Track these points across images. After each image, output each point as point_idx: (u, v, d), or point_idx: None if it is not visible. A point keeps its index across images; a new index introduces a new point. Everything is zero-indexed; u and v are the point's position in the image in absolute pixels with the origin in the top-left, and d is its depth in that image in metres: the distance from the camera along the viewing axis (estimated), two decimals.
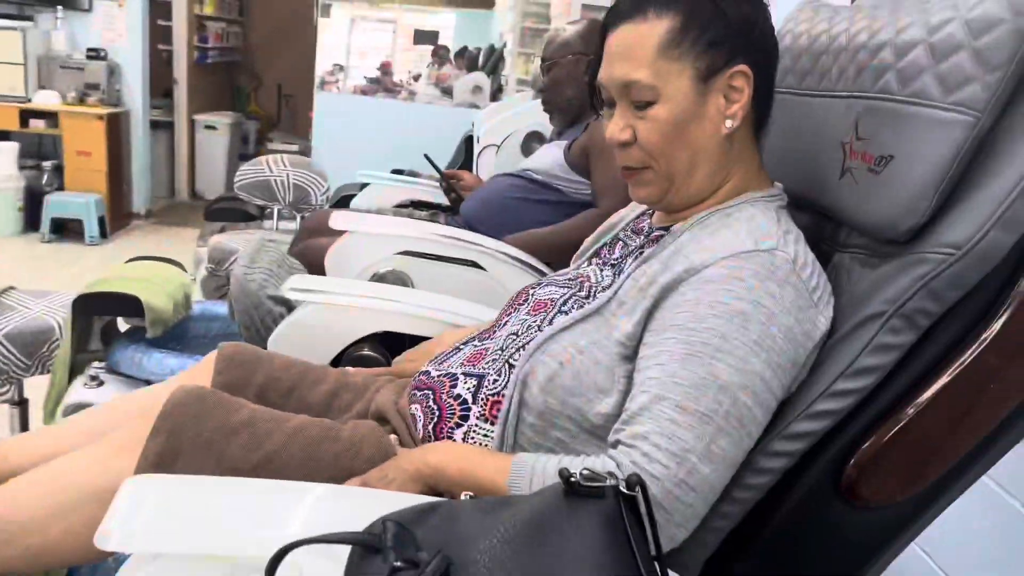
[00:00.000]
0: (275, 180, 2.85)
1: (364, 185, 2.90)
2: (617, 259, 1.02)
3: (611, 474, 0.58)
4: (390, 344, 1.31)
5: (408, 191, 2.42)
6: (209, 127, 6.86)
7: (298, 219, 2.90)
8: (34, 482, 0.85)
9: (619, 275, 0.97)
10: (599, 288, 0.97)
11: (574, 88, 2.20)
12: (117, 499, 0.63)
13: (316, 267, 1.70)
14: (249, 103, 8.03)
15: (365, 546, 0.52)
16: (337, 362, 1.33)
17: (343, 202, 2.73)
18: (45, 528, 0.82)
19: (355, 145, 4.90)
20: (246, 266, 1.49)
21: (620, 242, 1.06)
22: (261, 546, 0.60)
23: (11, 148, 5.07)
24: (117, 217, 5.57)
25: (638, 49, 0.89)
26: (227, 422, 0.83)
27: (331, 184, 2.95)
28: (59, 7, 5.26)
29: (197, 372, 1.03)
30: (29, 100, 5.16)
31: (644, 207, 1.08)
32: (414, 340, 1.29)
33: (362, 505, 0.65)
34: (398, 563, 0.50)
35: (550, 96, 2.30)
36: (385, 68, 7.45)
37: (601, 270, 1.01)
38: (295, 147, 6.96)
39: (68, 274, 4.54)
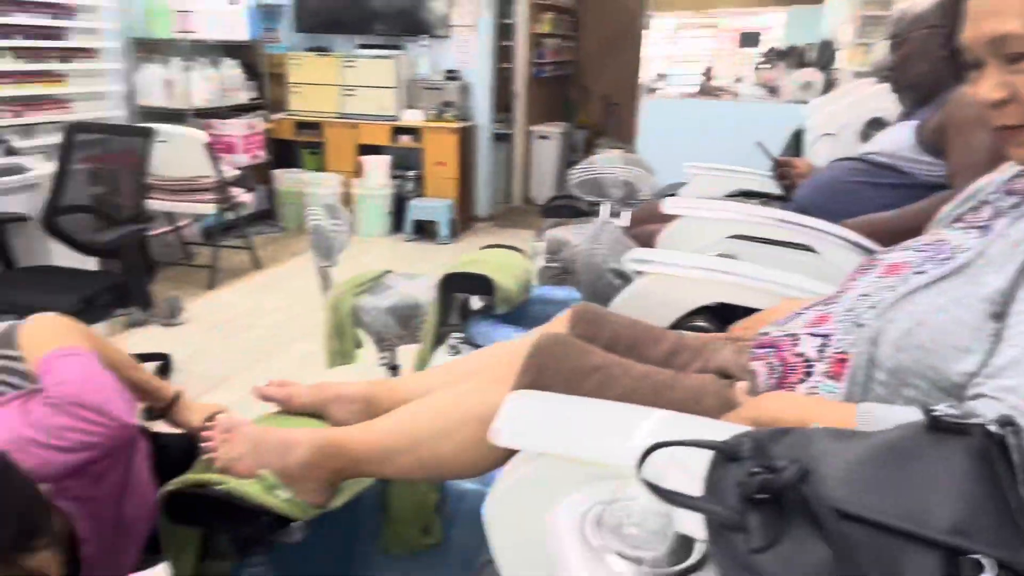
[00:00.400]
0: (606, 177, 2.99)
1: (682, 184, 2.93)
2: (985, 222, 0.95)
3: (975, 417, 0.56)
4: (724, 318, 1.34)
5: (737, 180, 2.41)
6: (542, 137, 7.35)
7: (626, 213, 3.01)
8: (428, 406, 1.02)
9: (987, 235, 0.91)
10: (960, 250, 0.91)
11: (927, 63, 2.02)
12: (505, 406, 0.74)
13: (646, 246, 1.76)
14: (578, 113, 8.46)
15: (725, 453, 0.56)
16: None
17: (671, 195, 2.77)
18: (435, 443, 0.98)
19: (679, 148, 4.93)
20: (590, 243, 1.61)
21: (987, 205, 0.98)
22: (623, 454, 0.67)
23: (384, 161, 5.90)
24: (464, 220, 6.22)
25: (1005, 1, 0.83)
26: (582, 364, 0.92)
27: (658, 181, 3.02)
28: (424, 36, 6.00)
29: (553, 326, 1.15)
30: (398, 118, 5.97)
31: (1018, 168, 0.99)
32: (748, 314, 1.29)
33: (710, 430, 0.70)
34: (756, 468, 0.54)
35: (900, 74, 2.14)
36: (707, 73, 7.41)
37: (965, 233, 0.95)
38: None
39: (426, 267, 5.16)
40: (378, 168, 5.89)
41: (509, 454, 0.99)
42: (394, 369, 2.58)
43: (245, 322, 4.14)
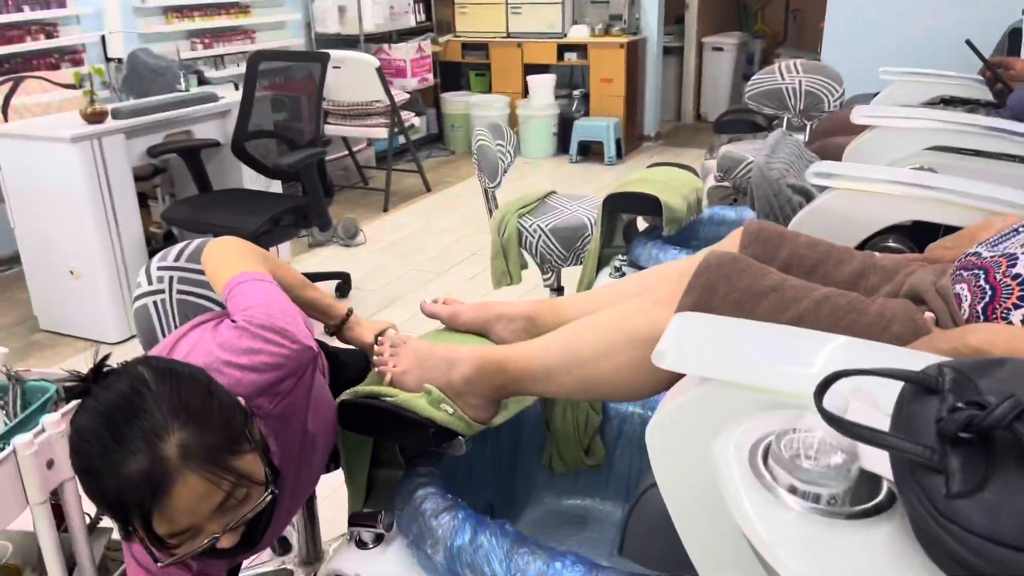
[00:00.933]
0: (787, 87, 2.78)
1: (874, 93, 2.67)
2: None
3: None
4: (917, 238, 1.21)
5: (939, 86, 2.15)
6: (716, 48, 6.97)
7: (808, 126, 2.80)
8: (590, 326, 1.00)
9: None
10: None
11: None
12: (671, 327, 0.71)
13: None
14: (755, 22, 7.92)
15: (921, 385, 0.50)
16: None
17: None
18: (596, 364, 0.96)
19: (870, 54, 4.50)
20: (767, 156, 1.50)
21: None
22: (798, 382, 0.62)
23: (549, 80, 5.82)
24: (630, 139, 6.06)
25: None
26: (756, 284, 0.86)
27: (845, 90, 2.77)
28: None
29: (724, 245, 1.09)
30: (564, 35, 5.84)
31: None
32: (947, 233, 1.16)
33: (901, 359, 0.63)
34: (960, 403, 0.47)
35: None
36: None
37: None
38: None
39: (590, 188, 5.10)
40: (543, 88, 5.82)
41: (673, 379, 0.95)
42: (558, 291, 2.59)
43: (416, 243, 4.30)
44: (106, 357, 0.91)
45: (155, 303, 1.29)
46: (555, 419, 1.34)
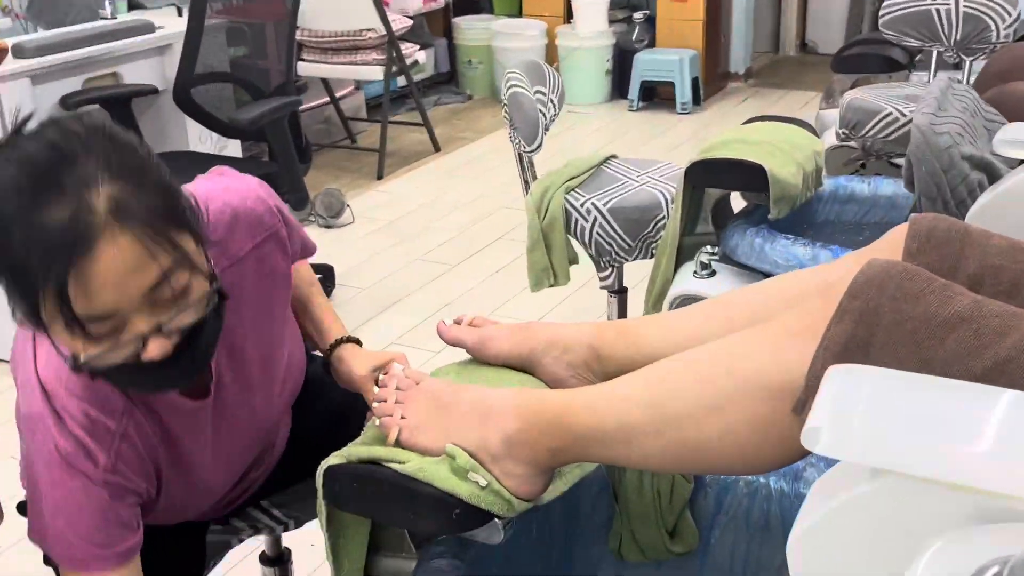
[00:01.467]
0: (937, 9, 2.69)
1: None
2: None
3: None
4: None
5: None
6: None
7: (967, 64, 2.71)
8: (689, 367, 0.94)
9: None
10: None
11: None
12: (825, 389, 0.64)
13: (1017, 118, 1.54)
14: None
15: None
16: None
17: None
18: (701, 422, 0.90)
19: None
20: (931, 113, 1.42)
21: None
22: None
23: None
24: (712, 79, 5.98)
25: None
26: (940, 312, 0.79)
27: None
28: None
29: (881, 249, 1.02)
30: None
31: None
32: None
33: None
34: None
35: None
36: None
37: None
38: None
39: (659, 148, 5.03)
40: (593, 9, 5.75)
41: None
42: (620, 294, 2.54)
43: (422, 223, 4.25)
44: (28, 117, 0.99)
45: None
46: (627, 488, 1.29)
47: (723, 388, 0.89)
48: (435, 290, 3.60)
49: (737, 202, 2.18)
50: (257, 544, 1.78)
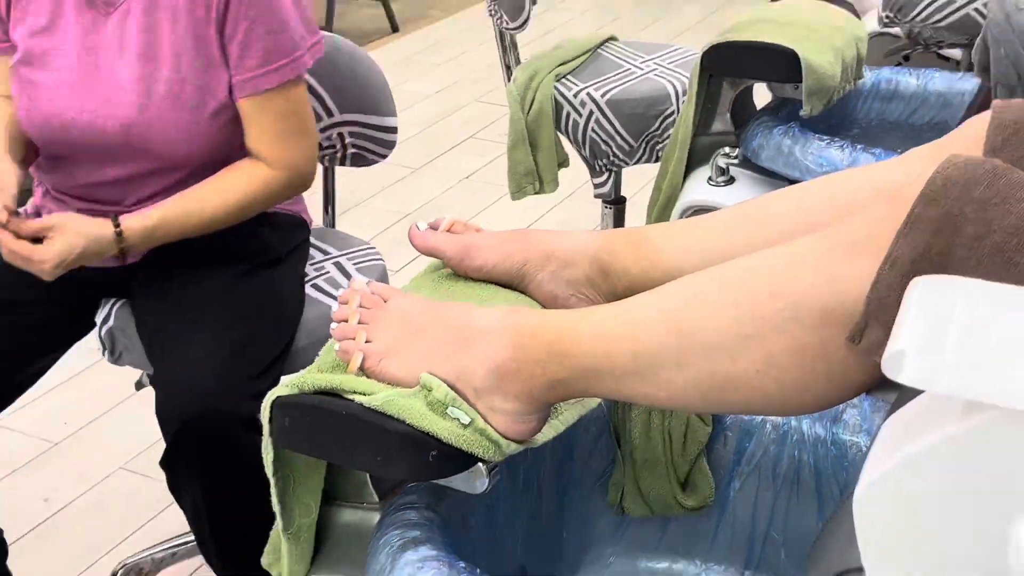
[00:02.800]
0: None
1: None
2: None
3: None
4: None
5: None
6: None
7: None
8: (723, 285, 0.91)
9: None
10: None
11: None
12: (907, 306, 0.62)
13: None
14: None
15: None
16: None
17: None
18: (735, 353, 0.88)
19: None
20: None
21: None
22: None
23: None
24: None
25: None
26: None
27: None
28: None
29: (955, 144, 0.99)
30: None
31: None
32: None
33: None
34: None
35: None
36: None
37: None
38: None
39: (665, 30, 4.98)
40: None
41: (864, 382, 0.88)
42: (618, 205, 2.53)
43: None
44: None
45: None
46: (632, 430, 1.28)
47: (764, 312, 0.87)
48: (395, 196, 3.57)
49: (762, 96, 2.16)
50: None
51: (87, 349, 1.83)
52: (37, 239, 1.50)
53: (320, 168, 2.11)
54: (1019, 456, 0.55)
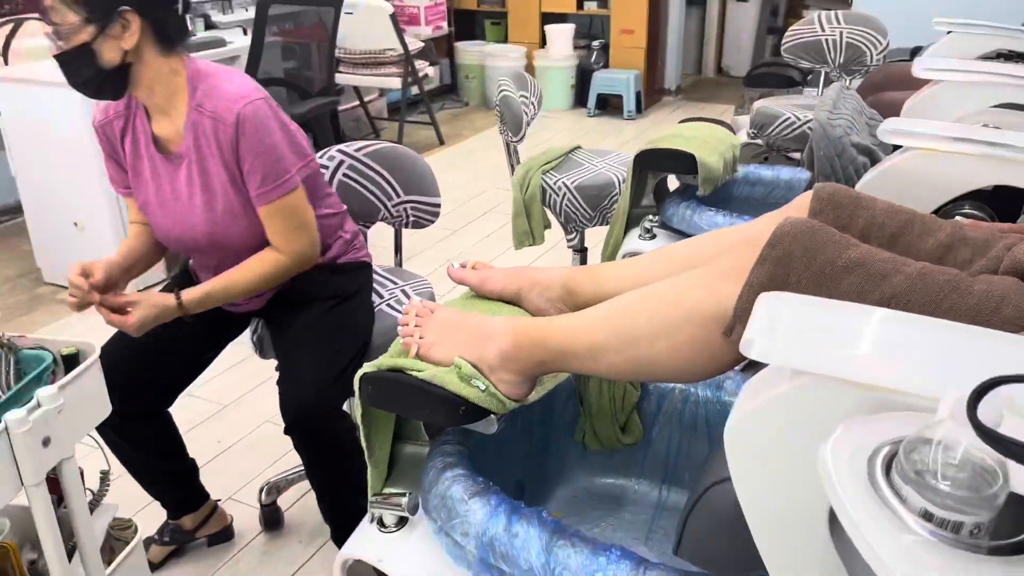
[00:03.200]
0: (826, 39, 2.64)
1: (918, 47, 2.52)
2: None
3: None
4: (998, 204, 1.10)
5: (1000, 40, 2.02)
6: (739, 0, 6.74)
7: (847, 81, 2.66)
8: (643, 299, 0.91)
9: None
10: None
11: None
12: (758, 310, 0.61)
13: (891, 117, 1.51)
14: None
15: None
16: None
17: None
18: (652, 342, 0.87)
19: (908, 6, 4.31)
20: (828, 112, 1.38)
21: None
22: (927, 382, 0.52)
23: (568, 30, 5.64)
24: (650, 93, 5.89)
25: None
26: (838, 258, 0.76)
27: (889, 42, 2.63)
28: None
29: (791, 211, 0.98)
30: None
31: None
32: None
33: None
34: None
35: None
36: None
37: None
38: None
39: (610, 144, 4.96)
40: (562, 38, 5.65)
41: (734, 361, 0.87)
42: (582, 252, 2.50)
43: None
44: None
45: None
46: (590, 393, 1.26)
47: (670, 316, 0.86)
48: (440, 248, 3.55)
49: (673, 183, 2.15)
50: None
51: (245, 346, 1.82)
52: (123, 310, 1.46)
53: (392, 229, 2.11)
54: (824, 403, 0.55)
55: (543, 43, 5.84)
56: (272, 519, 1.94)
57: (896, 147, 1.17)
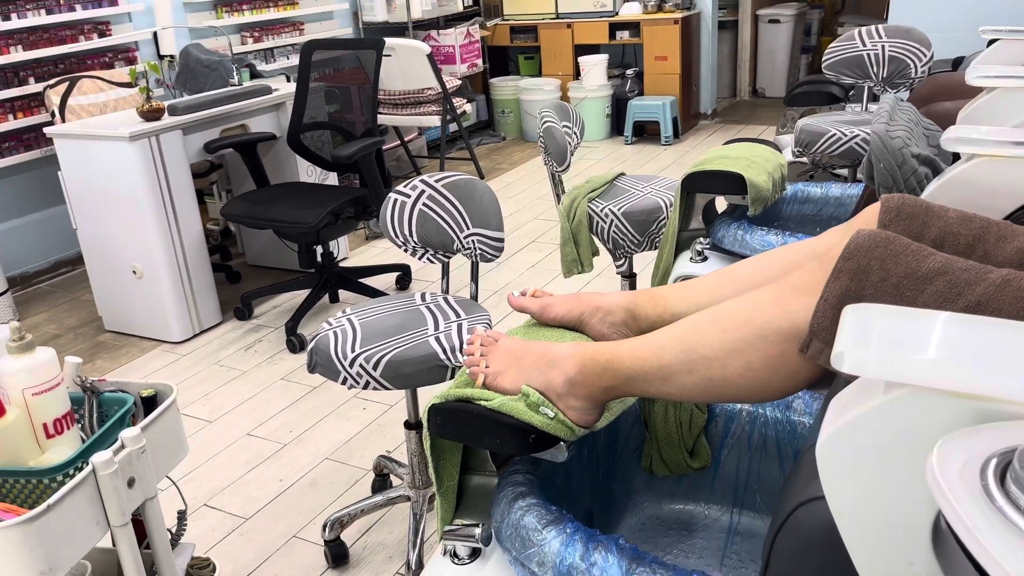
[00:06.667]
0: (868, 54, 2.61)
1: (959, 57, 2.48)
2: None
3: None
4: None
5: None
6: (772, 21, 6.73)
7: (891, 95, 2.62)
8: (713, 319, 0.89)
9: None
10: None
11: None
12: (845, 323, 0.60)
13: (945, 127, 1.48)
14: None
15: None
16: None
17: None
18: (724, 362, 0.86)
19: (943, 13, 4.25)
20: (886, 123, 1.36)
21: None
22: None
23: (602, 60, 5.67)
24: (687, 118, 5.88)
25: None
26: (918, 268, 0.74)
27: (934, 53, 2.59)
28: None
29: (859, 224, 0.97)
30: (616, 13, 5.68)
31: None
32: None
33: None
34: None
35: None
36: None
37: None
38: None
39: (650, 169, 4.95)
40: (596, 69, 5.68)
41: (811, 378, 0.85)
42: (631, 278, 2.48)
43: None
44: None
45: (399, 202, 1.84)
46: (655, 419, 1.24)
47: (743, 335, 0.84)
48: (489, 279, 3.56)
49: (721, 204, 2.13)
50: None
51: (301, 385, 1.83)
52: None
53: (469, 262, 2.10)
54: (922, 415, 0.53)
55: (576, 74, 5.88)
56: (338, 554, 1.93)
57: (956, 156, 1.15)
